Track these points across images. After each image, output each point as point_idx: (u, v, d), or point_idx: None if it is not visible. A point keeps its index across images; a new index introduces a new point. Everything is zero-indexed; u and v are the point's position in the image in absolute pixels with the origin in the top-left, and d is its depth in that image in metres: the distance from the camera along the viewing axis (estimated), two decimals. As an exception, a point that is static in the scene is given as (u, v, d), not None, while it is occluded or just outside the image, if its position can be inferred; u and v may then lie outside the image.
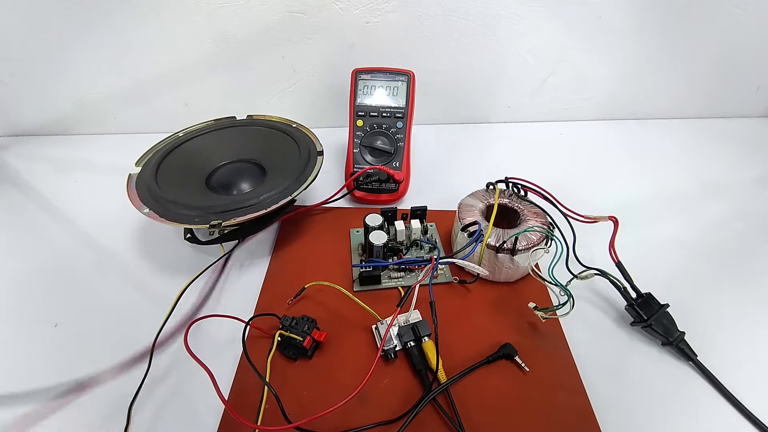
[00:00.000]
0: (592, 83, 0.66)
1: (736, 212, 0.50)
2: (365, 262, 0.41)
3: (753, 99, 0.69)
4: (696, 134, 0.66)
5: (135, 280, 0.38)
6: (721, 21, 0.60)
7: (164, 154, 0.46)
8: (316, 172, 0.44)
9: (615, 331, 0.37)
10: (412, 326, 0.35)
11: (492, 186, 0.44)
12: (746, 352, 0.36)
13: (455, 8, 0.57)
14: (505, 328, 0.37)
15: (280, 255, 0.44)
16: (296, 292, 0.38)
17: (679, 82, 0.66)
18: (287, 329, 0.34)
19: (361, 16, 0.57)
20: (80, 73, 0.60)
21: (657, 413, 0.32)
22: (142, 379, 0.32)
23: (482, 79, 0.64)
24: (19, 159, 0.61)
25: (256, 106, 0.62)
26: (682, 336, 0.35)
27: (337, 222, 0.48)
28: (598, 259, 0.38)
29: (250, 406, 0.31)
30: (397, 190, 0.51)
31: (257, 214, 0.39)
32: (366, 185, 0.50)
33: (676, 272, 0.42)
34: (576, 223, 0.40)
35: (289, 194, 0.41)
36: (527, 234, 0.38)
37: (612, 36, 0.61)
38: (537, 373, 0.33)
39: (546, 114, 0.69)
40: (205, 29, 0.57)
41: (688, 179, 0.56)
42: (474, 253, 0.39)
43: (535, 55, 0.62)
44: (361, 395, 0.29)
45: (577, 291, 0.38)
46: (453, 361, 0.34)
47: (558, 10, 0.58)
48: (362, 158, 0.50)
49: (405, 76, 0.51)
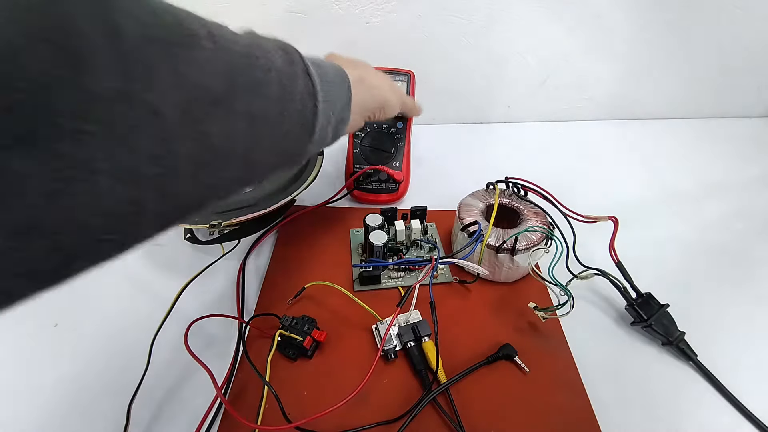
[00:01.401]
0: (592, 83, 0.65)
1: (736, 212, 0.50)
2: (365, 262, 0.41)
3: (754, 99, 0.69)
4: (696, 134, 0.66)
5: (135, 280, 0.38)
6: (722, 21, 0.60)
7: (164, 154, 0.46)
8: (316, 172, 0.44)
9: (615, 331, 0.37)
10: (412, 326, 0.35)
11: (492, 186, 0.44)
12: (746, 352, 0.36)
13: (455, 8, 0.57)
14: (505, 328, 0.37)
15: (280, 255, 0.44)
16: (296, 292, 0.38)
17: (679, 82, 0.66)
18: (287, 329, 0.34)
19: (361, 16, 0.57)
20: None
21: (657, 413, 0.32)
22: (141, 378, 0.32)
23: (482, 79, 0.64)
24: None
25: (256, 106, 0.62)
26: (682, 336, 0.35)
27: (337, 222, 0.48)
28: (598, 259, 0.38)
29: (250, 406, 0.31)
30: (397, 190, 0.51)
31: (257, 214, 0.39)
32: (366, 185, 0.50)
33: (676, 272, 0.42)
34: (576, 223, 0.40)
35: (289, 194, 0.41)
36: (527, 234, 0.38)
37: (612, 36, 0.61)
38: (537, 373, 0.33)
39: (546, 114, 0.69)
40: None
41: (688, 179, 0.56)
42: (474, 253, 0.39)
43: (535, 55, 0.62)
44: (361, 395, 0.29)
45: (577, 291, 0.38)
46: (453, 361, 0.34)
47: (558, 10, 0.58)
48: (362, 158, 0.50)
49: (405, 75, 0.51)
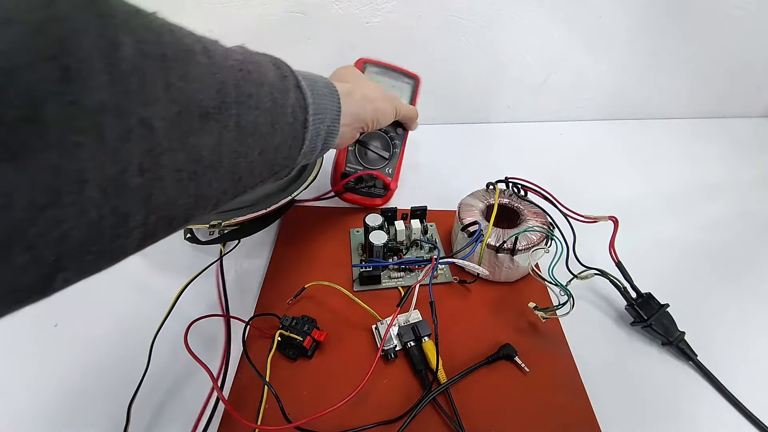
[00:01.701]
0: (592, 83, 0.65)
1: (736, 212, 0.50)
2: (365, 262, 0.41)
3: (753, 99, 0.69)
4: (696, 134, 0.66)
5: (135, 280, 0.38)
6: (722, 21, 0.60)
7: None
8: (316, 172, 0.44)
9: (615, 331, 0.37)
10: (412, 326, 0.35)
11: (492, 186, 0.44)
12: (746, 352, 0.36)
13: (455, 8, 0.57)
14: (505, 328, 0.37)
15: (280, 255, 0.44)
16: (296, 292, 0.38)
17: (680, 82, 0.66)
18: (287, 329, 0.34)
19: (361, 16, 0.57)
20: (80, 73, 0.60)
21: (657, 413, 0.32)
22: (141, 378, 0.32)
23: (482, 79, 0.64)
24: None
25: (256, 106, 0.62)
26: (682, 336, 0.35)
27: (337, 222, 0.48)
28: (598, 259, 0.38)
29: (250, 406, 0.31)
30: (383, 195, 0.49)
31: (257, 214, 0.39)
32: (353, 188, 0.48)
33: (676, 272, 0.42)
34: (576, 223, 0.40)
35: (289, 194, 0.41)
36: (527, 234, 0.38)
37: (612, 36, 0.61)
38: (537, 373, 0.33)
39: (546, 114, 0.69)
40: (205, 29, 0.56)
41: (688, 179, 0.56)
42: (474, 253, 0.39)
43: (535, 55, 0.62)
44: (361, 395, 0.29)
45: (577, 291, 0.38)
46: (453, 361, 0.34)
47: (558, 10, 0.58)
48: (356, 158, 0.47)
49: (412, 79, 0.50)
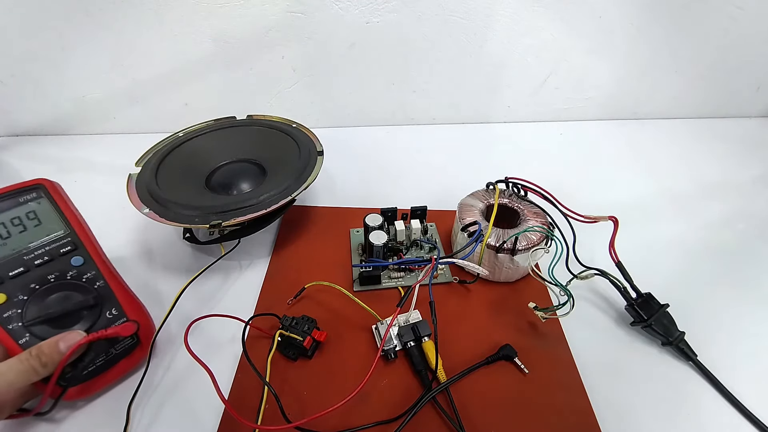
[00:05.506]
0: (592, 83, 0.65)
1: (736, 212, 0.50)
2: (365, 262, 0.41)
3: (753, 99, 0.69)
4: (696, 134, 0.66)
5: (134, 280, 0.38)
6: (722, 21, 0.60)
7: (164, 154, 0.46)
8: (316, 172, 0.44)
9: (615, 331, 0.37)
10: (412, 326, 0.35)
11: (492, 186, 0.44)
12: (746, 352, 0.36)
13: (455, 8, 0.57)
14: (505, 328, 0.37)
15: (280, 255, 0.44)
16: (296, 292, 0.38)
17: (679, 82, 0.66)
18: (287, 329, 0.34)
19: (361, 16, 0.57)
20: (80, 73, 0.59)
21: (657, 413, 0.32)
22: (141, 378, 0.32)
23: (482, 79, 0.64)
24: (19, 159, 0.61)
25: (256, 106, 0.62)
26: (682, 336, 0.35)
27: (337, 222, 0.48)
28: (598, 259, 0.38)
29: (250, 406, 0.31)
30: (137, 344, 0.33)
31: (257, 214, 0.39)
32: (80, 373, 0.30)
33: (676, 272, 0.42)
34: (576, 223, 0.40)
35: (289, 194, 0.41)
36: (527, 234, 0.38)
37: (612, 36, 0.61)
38: (537, 373, 0.33)
39: (546, 114, 0.69)
40: (205, 29, 0.57)
41: (688, 179, 0.56)
42: (474, 253, 0.39)
43: (535, 55, 0.62)
44: (361, 395, 0.29)
45: (577, 291, 0.38)
46: (453, 361, 0.34)
47: (558, 10, 0.58)
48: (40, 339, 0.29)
49: (34, 190, 0.34)
